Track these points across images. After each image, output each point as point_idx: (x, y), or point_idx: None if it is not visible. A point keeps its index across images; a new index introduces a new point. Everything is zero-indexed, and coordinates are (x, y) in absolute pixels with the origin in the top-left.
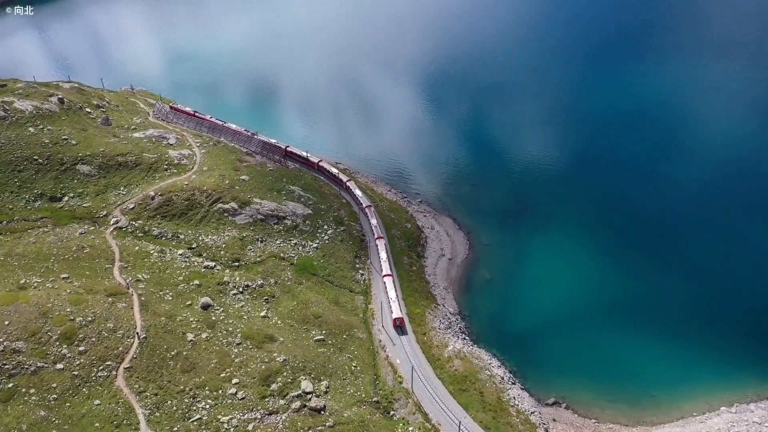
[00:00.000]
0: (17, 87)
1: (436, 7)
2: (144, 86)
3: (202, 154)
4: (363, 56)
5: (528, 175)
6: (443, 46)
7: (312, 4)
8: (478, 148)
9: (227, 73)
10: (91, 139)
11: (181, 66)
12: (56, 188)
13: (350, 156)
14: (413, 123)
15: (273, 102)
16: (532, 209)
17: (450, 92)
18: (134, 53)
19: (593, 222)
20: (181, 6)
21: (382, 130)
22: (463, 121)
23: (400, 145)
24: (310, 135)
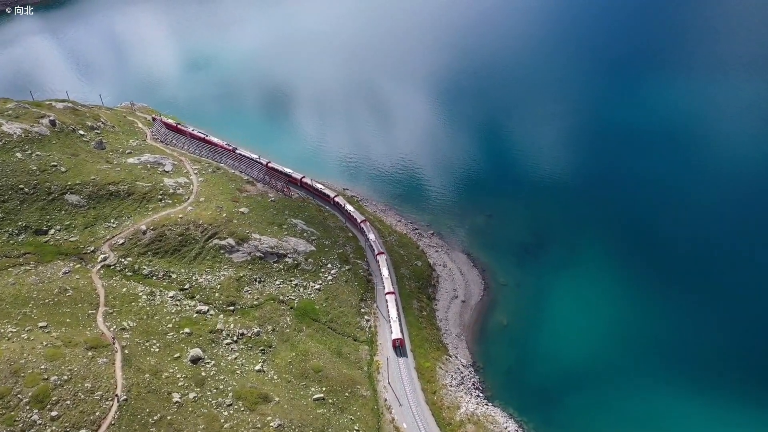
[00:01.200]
0: (7, 108)
1: (452, 19)
2: (145, 101)
3: (200, 182)
4: (375, 70)
5: (548, 203)
6: (459, 59)
7: (326, 12)
8: (494, 172)
9: (234, 84)
10: (82, 165)
11: (186, 76)
12: (42, 220)
13: (358, 181)
14: (425, 145)
15: (280, 118)
16: (552, 243)
17: (464, 110)
18: (138, 64)
19: (621, 258)
20: (189, 12)
21: (393, 152)
22: (478, 143)
23: (411, 169)
24: (315, 156)
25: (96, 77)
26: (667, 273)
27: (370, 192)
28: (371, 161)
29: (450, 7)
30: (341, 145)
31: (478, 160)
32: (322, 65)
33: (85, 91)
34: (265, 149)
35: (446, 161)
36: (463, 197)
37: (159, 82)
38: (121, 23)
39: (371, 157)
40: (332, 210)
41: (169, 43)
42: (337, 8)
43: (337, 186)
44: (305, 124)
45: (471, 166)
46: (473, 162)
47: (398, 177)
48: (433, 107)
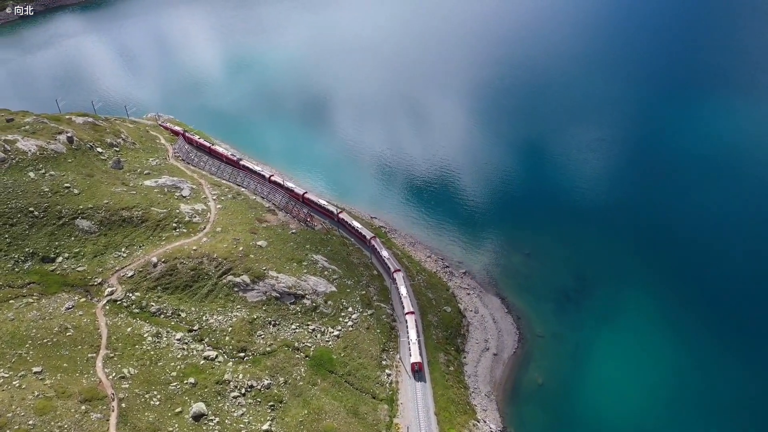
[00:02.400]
0: (25, 122)
1: (499, 33)
2: (174, 113)
3: (218, 209)
4: (414, 84)
5: (592, 241)
6: (502, 76)
7: (368, 20)
8: (534, 204)
9: (267, 95)
10: (96, 187)
11: (218, 86)
12: (50, 247)
13: (388, 208)
14: (460, 171)
15: (310, 133)
16: (595, 289)
17: (504, 132)
18: (169, 71)
19: (676, 307)
20: (226, 17)
21: (425, 177)
22: (517, 169)
23: (444, 197)
24: (344, 178)
25: (125, 84)
26: (730, 325)
27: (400, 220)
28: (402, 185)
29: (497, 21)
30: (371, 167)
31: (517, 190)
32: (360, 77)
33: (112, 99)
34: (289, 166)
35: (482, 189)
36: (500, 232)
37: (189, 91)
38: (156, 27)
39: (402, 181)
40: (357, 243)
41: (203, 48)
42: (380, 17)
43: (364, 212)
44: (336, 141)
45: (509, 195)
46: (512, 191)
47: (430, 205)
48: (471, 127)
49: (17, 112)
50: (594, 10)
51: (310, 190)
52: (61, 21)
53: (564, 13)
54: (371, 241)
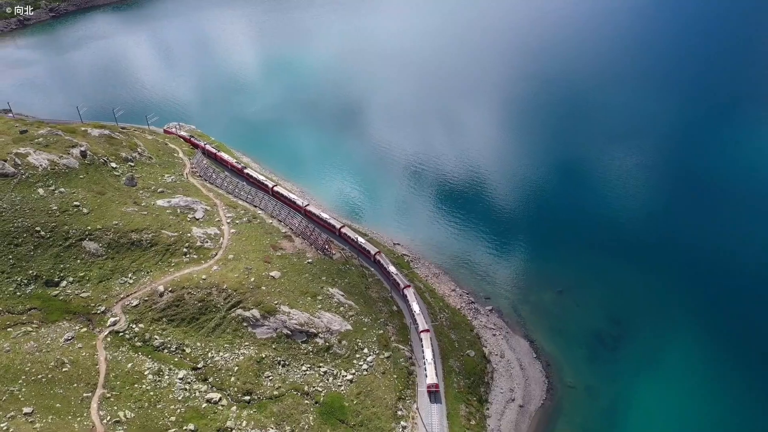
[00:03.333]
0: (38, 134)
1: (541, 45)
2: (196, 123)
3: (231, 234)
4: (449, 97)
5: (631, 280)
6: (542, 92)
7: (405, 27)
8: (569, 236)
9: (296, 104)
10: (107, 207)
11: (245, 93)
12: (55, 269)
13: (412, 234)
14: (490, 197)
15: (337, 147)
16: (634, 334)
17: (538, 154)
18: (195, 77)
19: (727, 359)
20: (257, 19)
21: (453, 202)
22: (551, 196)
23: (472, 225)
24: (367, 198)
25: (149, 90)
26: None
27: (424, 248)
28: (428, 209)
29: (537, 35)
30: (397, 187)
31: (551, 218)
32: (391, 87)
33: (134, 107)
34: (309, 182)
35: (513, 216)
36: (531, 264)
37: (215, 98)
38: (185, 30)
39: (428, 204)
40: (378, 273)
41: (232, 54)
42: (416, 25)
43: (386, 237)
44: (362, 156)
45: (542, 224)
46: (545, 220)
47: (457, 232)
48: (504, 147)
49: (33, 122)
50: (639, 26)
51: (332, 212)
52: (91, 22)
53: (608, 29)
54: (376, 256)
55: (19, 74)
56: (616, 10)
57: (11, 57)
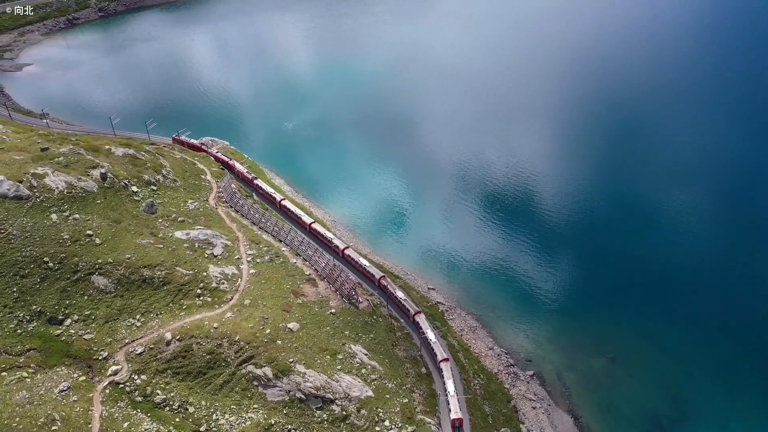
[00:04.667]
0: (60, 152)
1: (599, 64)
2: (231, 137)
3: (250, 275)
4: (498, 113)
5: (698, 350)
6: (595, 115)
7: (452, 32)
8: (625, 293)
9: (339, 118)
10: (121, 237)
11: (286, 105)
12: (60, 306)
13: (450, 279)
14: (536, 240)
15: (373, 168)
16: (698, 419)
17: (592, 190)
18: (234, 87)
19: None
20: (303, 26)
21: (496, 244)
22: (605, 244)
23: (516, 274)
24: (408, 234)
25: (185, 100)
26: None
27: (461, 295)
28: (469, 252)
29: (600, 54)
30: (438, 225)
31: (605, 271)
32: (443, 104)
33: (168, 118)
34: (344, 213)
35: (562, 266)
36: (580, 323)
37: (252, 112)
38: (229, 36)
39: (469, 248)
40: (407, 326)
41: (275, 62)
42: (474, 35)
43: (420, 281)
44: (403, 186)
45: (595, 277)
46: (598, 272)
47: (499, 280)
48: (557, 184)
49: (56, 138)
50: (717, 47)
51: (367, 248)
52: (138, 23)
53: (682, 50)
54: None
55: (62, 76)
56: (696, 27)
57: (56, 57)
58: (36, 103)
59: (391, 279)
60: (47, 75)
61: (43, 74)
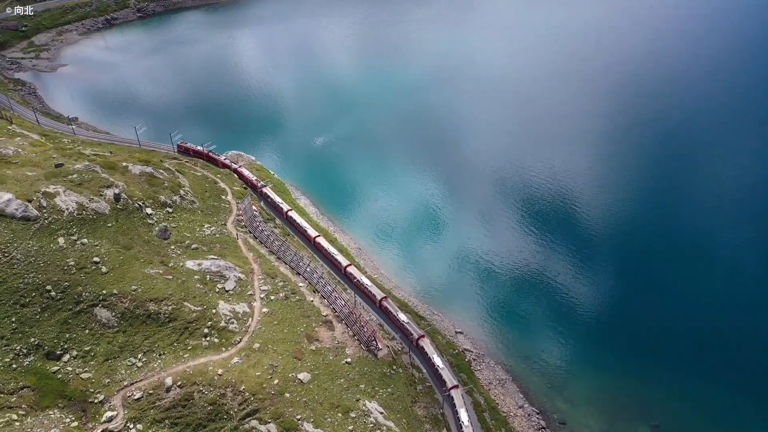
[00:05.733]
0: (74, 169)
1: (646, 78)
2: (258, 152)
3: (263, 314)
4: (547, 135)
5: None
6: (651, 143)
7: (499, 41)
8: (678, 348)
9: (366, 131)
10: (129, 266)
11: (317, 118)
12: (60, 339)
13: (479, 320)
14: (578, 287)
15: (407, 192)
16: None
17: (635, 224)
18: (267, 97)
19: None
20: (339, 36)
21: (536, 287)
22: (659, 293)
23: (552, 321)
24: (432, 267)
25: (216, 109)
26: None
27: (493, 343)
28: (505, 294)
29: (651, 68)
30: (471, 262)
31: (653, 324)
32: (482, 122)
33: (196, 129)
34: (367, 240)
35: (605, 317)
36: (622, 384)
37: (283, 124)
38: (265, 41)
39: (505, 289)
40: (429, 375)
41: (311, 70)
42: (524, 43)
43: (447, 323)
44: (435, 213)
45: (640, 332)
46: (644, 325)
47: (534, 327)
48: (606, 225)
49: (72, 153)
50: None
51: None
52: (176, 24)
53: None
54: (382, 302)
55: (94, 78)
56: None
57: (91, 59)
58: (67, 106)
59: (417, 320)
60: (80, 77)
61: (76, 76)
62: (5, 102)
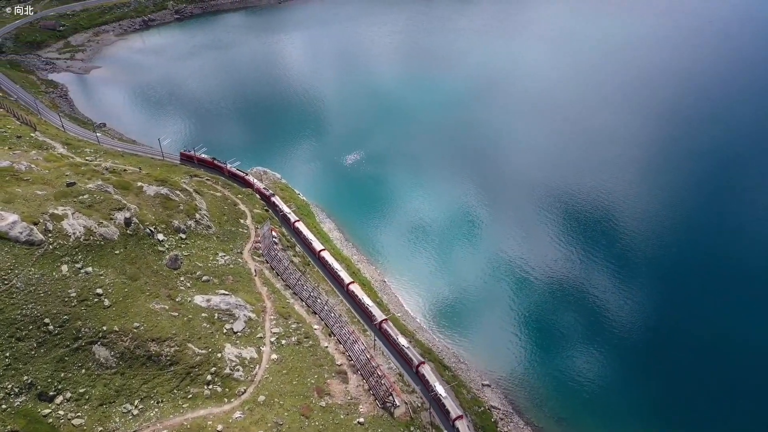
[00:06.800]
0: (86, 189)
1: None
2: (284, 170)
3: (272, 361)
4: (601, 160)
5: None
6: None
7: (546, 52)
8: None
9: (402, 151)
10: (133, 299)
11: (344, 134)
12: (54, 379)
13: (508, 372)
14: (627, 333)
15: (435, 220)
16: None
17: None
18: (296, 106)
19: None
20: (379, 44)
21: (576, 335)
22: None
23: (593, 377)
24: (466, 303)
25: (246, 120)
26: None
27: (523, 399)
28: (542, 345)
29: (708, 90)
30: (506, 305)
31: (709, 381)
32: (530, 142)
33: (221, 142)
34: (395, 274)
35: (649, 378)
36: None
37: (313, 138)
38: (301, 46)
39: (542, 339)
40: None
41: (346, 78)
42: (567, 62)
43: (474, 373)
44: (472, 247)
45: (696, 390)
46: (700, 382)
47: (570, 384)
48: (654, 278)
49: (86, 170)
50: None
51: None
52: (214, 27)
53: None
54: (382, 324)
55: (127, 82)
56: None
57: (125, 61)
58: (96, 110)
59: (439, 370)
60: (113, 80)
61: (108, 79)
62: (33, 105)
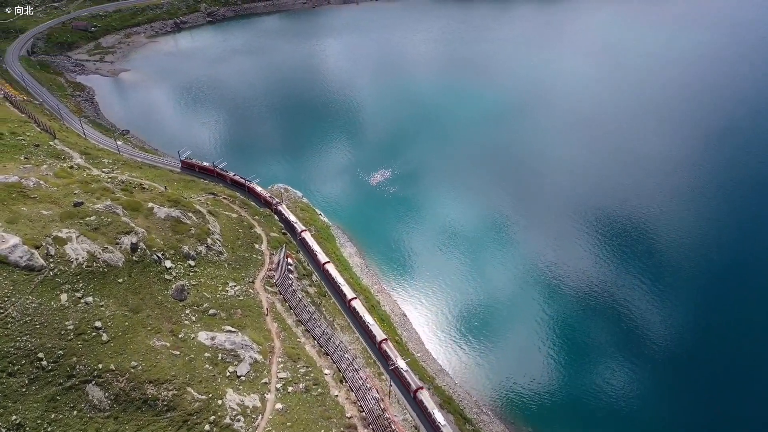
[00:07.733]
0: (93, 210)
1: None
2: (304, 189)
3: (275, 412)
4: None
5: None
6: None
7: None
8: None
9: (431, 168)
10: (133, 334)
11: (369, 149)
12: (43, 420)
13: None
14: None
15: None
16: None
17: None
18: (319, 119)
19: None
20: (415, 53)
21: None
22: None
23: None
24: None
25: (264, 134)
26: None
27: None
28: (567, 388)
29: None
30: (539, 350)
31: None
32: (572, 164)
33: (247, 157)
34: (416, 308)
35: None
36: None
37: (337, 154)
38: (331, 54)
39: (570, 382)
40: None
41: (373, 90)
42: (613, 77)
43: (497, 424)
44: (500, 280)
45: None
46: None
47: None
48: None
49: (97, 188)
50: None
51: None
52: (245, 31)
53: None
54: (381, 344)
55: (154, 86)
56: None
57: (154, 65)
58: (121, 115)
59: (459, 423)
60: (140, 84)
61: (136, 83)
62: (56, 109)
